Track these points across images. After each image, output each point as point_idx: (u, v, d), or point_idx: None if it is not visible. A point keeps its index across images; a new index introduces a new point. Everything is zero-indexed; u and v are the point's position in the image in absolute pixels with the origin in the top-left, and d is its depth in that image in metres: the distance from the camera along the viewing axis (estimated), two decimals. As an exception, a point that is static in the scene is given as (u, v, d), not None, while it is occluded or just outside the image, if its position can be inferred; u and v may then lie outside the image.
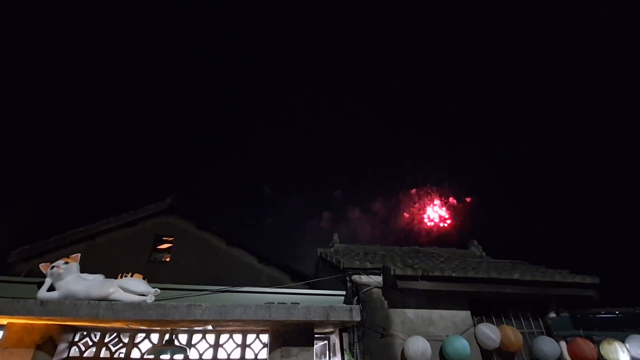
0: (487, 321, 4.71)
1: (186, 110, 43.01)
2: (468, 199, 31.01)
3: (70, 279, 3.46)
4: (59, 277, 3.44)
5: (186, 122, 42.60)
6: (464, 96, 40.28)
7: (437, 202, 31.45)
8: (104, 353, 3.95)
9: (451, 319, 4.62)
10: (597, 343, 4.41)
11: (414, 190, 33.04)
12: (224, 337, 4.20)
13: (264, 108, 45.92)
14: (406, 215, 32.55)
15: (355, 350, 4.18)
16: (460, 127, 39.94)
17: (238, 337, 4.23)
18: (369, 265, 4.86)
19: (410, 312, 4.60)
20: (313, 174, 44.60)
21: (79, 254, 3.77)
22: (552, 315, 4.91)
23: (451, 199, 31.29)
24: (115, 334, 4.06)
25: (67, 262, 3.54)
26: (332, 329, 4.40)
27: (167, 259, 9.00)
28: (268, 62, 44.36)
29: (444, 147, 40.43)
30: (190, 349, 3.99)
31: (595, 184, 28.29)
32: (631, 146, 27.63)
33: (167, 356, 3.73)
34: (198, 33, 40.50)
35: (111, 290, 3.47)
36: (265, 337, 4.23)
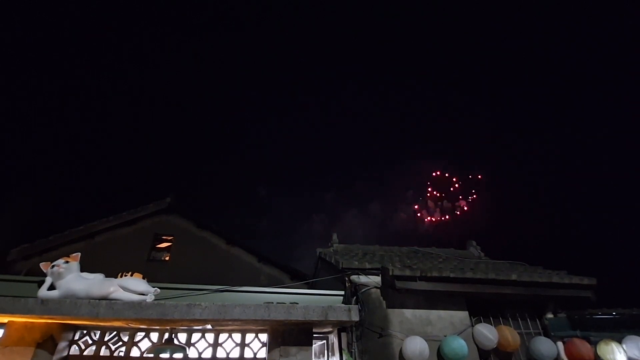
0: (484, 321, 4.73)
1: (185, 110, 43.00)
2: (465, 200, 31.02)
3: (70, 278, 3.49)
4: (59, 276, 3.46)
5: (186, 122, 42.58)
6: (460, 95, 40.32)
7: (434, 202, 31.46)
8: (103, 351, 3.97)
9: (449, 319, 4.65)
10: (594, 344, 4.44)
11: (411, 191, 33.07)
12: (223, 336, 4.23)
13: (264, 107, 45.93)
14: (404, 215, 32.60)
15: (353, 350, 4.21)
16: (459, 126, 39.95)
17: (237, 337, 4.25)
18: (367, 266, 4.88)
19: (408, 312, 4.62)
20: (312, 174, 44.62)
21: (79, 253, 3.79)
22: (550, 315, 4.94)
23: (447, 201, 31.30)
24: (115, 332, 4.08)
25: (67, 261, 3.57)
26: (330, 329, 4.43)
27: (167, 258, 9.02)
28: (267, 62, 44.37)
29: (442, 147, 40.43)
30: (189, 347, 4.02)
31: (594, 185, 28.35)
32: (629, 146, 27.70)
33: (167, 355, 3.76)
34: (196, 32, 40.46)
35: (111, 289, 3.50)
36: (264, 337, 4.25)
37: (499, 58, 36.71)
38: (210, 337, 4.23)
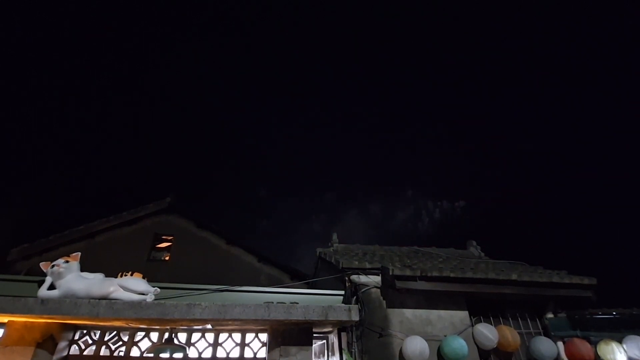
0: (485, 321, 4.73)
1: (186, 111, 43.00)
2: (465, 200, 31.00)
3: (70, 277, 3.48)
4: (59, 275, 3.46)
5: (186, 123, 42.59)
6: (460, 95, 40.29)
7: (433, 202, 31.44)
8: (103, 351, 3.97)
9: (449, 319, 4.65)
10: (594, 344, 4.44)
11: (411, 191, 33.06)
12: (223, 336, 4.23)
13: (264, 108, 45.91)
14: (403, 215, 32.59)
15: (353, 350, 4.20)
16: (457, 127, 39.92)
17: (237, 336, 4.25)
18: (367, 265, 4.88)
19: (408, 312, 4.62)
20: (312, 174, 44.64)
21: (79, 253, 3.78)
22: (550, 315, 4.93)
23: (447, 200, 31.26)
24: (115, 332, 4.08)
25: (67, 261, 3.56)
26: (330, 329, 4.43)
27: (167, 258, 9.02)
28: (267, 63, 44.38)
29: (441, 147, 40.43)
30: (189, 347, 4.02)
31: (594, 185, 28.34)
32: (628, 146, 27.68)
33: (167, 355, 3.76)
34: (196, 32, 40.47)
35: (111, 289, 3.49)
36: (264, 336, 4.25)
37: (499, 58, 36.72)
38: (210, 336, 4.22)
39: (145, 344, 4.07)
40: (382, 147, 44.75)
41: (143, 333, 4.11)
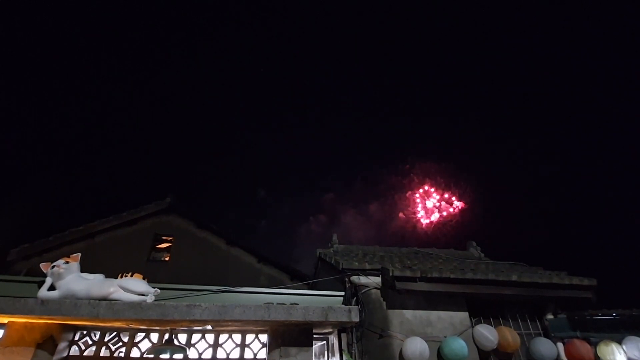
0: (484, 322, 4.74)
1: (186, 111, 43.01)
2: (464, 202, 31.00)
3: (70, 278, 3.48)
4: (59, 276, 3.46)
5: (186, 123, 42.60)
6: (460, 95, 40.30)
7: (432, 202, 31.44)
8: (103, 352, 3.97)
9: (449, 320, 4.65)
10: (594, 344, 4.44)
11: (409, 193, 33.06)
12: (223, 337, 4.23)
13: (263, 108, 45.93)
14: (402, 216, 32.59)
15: (353, 351, 4.21)
16: (457, 127, 39.90)
17: (237, 337, 4.25)
18: (367, 266, 4.88)
19: (408, 313, 4.62)
20: (312, 175, 44.65)
21: (79, 254, 3.78)
22: (550, 316, 4.94)
23: (446, 202, 31.25)
24: (115, 333, 4.08)
25: (67, 262, 3.56)
26: (330, 330, 4.43)
27: (167, 259, 9.02)
28: (266, 63, 44.39)
29: (440, 148, 40.44)
30: (189, 348, 4.02)
31: (594, 185, 28.33)
32: (629, 146, 27.68)
33: (167, 355, 3.76)
34: (196, 32, 40.47)
35: (111, 289, 3.49)
36: (264, 337, 4.25)
37: (499, 58, 36.73)
38: (210, 337, 4.22)
39: (145, 345, 4.07)
40: (382, 147, 44.76)
41: (143, 334, 4.11)
